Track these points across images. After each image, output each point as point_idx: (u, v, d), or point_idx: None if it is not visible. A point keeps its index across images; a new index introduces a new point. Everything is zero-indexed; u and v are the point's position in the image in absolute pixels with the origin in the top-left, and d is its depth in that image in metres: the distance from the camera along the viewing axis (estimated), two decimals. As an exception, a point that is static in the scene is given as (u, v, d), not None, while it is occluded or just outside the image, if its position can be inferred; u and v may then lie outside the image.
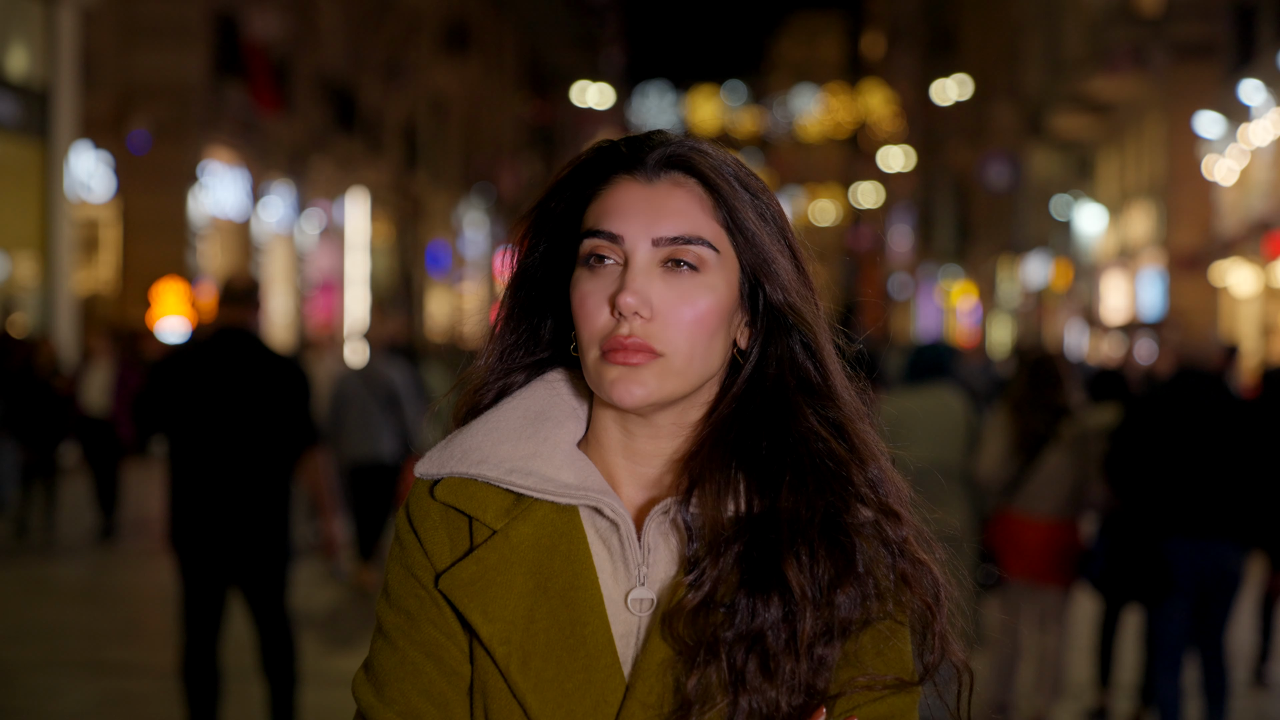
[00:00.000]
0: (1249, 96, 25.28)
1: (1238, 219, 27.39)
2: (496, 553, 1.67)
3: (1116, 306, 33.58)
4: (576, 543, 1.68)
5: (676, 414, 1.70)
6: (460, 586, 1.66)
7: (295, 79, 29.69)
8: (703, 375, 1.68)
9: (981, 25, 50.68)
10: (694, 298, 1.66)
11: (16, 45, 19.31)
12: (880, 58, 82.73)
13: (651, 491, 1.72)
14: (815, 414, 1.70)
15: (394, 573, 1.72)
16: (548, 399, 1.75)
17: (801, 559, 1.63)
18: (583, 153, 1.76)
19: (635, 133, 1.75)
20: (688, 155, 1.70)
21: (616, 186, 1.70)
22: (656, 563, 1.68)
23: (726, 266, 1.68)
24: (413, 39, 37.98)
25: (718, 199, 1.68)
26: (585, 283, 1.68)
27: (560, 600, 1.66)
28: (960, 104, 50.63)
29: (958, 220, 54.97)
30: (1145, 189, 32.36)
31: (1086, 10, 34.65)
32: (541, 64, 55.84)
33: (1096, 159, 37.18)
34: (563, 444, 1.72)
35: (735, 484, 1.66)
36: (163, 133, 24.25)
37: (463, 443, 1.72)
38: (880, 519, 1.67)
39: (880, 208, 78.59)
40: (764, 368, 1.71)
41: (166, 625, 10.76)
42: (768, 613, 1.62)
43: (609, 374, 1.65)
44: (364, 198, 35.66)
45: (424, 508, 1.72)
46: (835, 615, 1.63)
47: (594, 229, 1.68)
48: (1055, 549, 7.31)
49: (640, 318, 1.65)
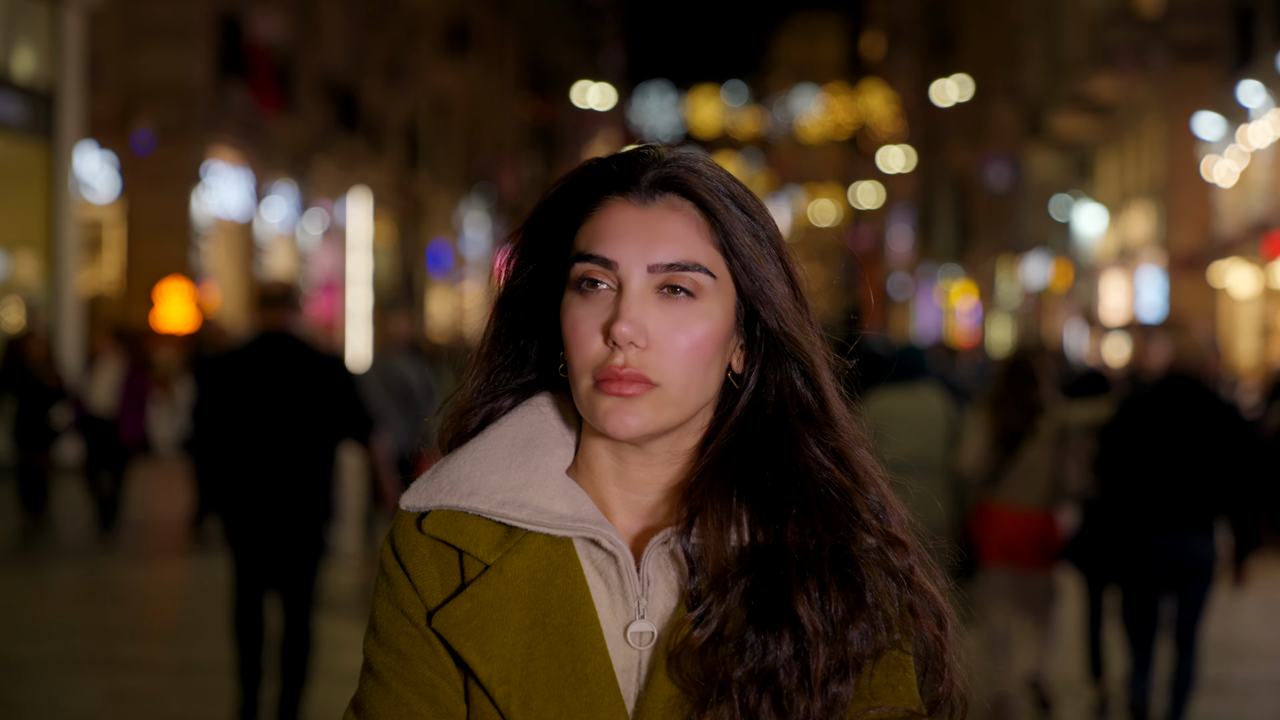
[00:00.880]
0: (1248, 98, 25.38)
1: (1237, 220, 27.49)
2: (491, 588, 1.62)
3: (1116, 307, 33.68)
4: (573, 576, 1.63)
5: (670, 441, 1.65)
6: (455, 625, 1.61)
7: (297, 79, 29.79)
8: (698, 404, 1.64)
9: (981, 25, 50.77)
10: (690, 325, 1.61)
11: (22, 47, 19.41)
12: (880, 58, 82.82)
13: (646, 520, 1.67)
14: (817, 443, 1.66)
15: (382, 610, 1.65)
16: (536, 425, 1.69)
17: (812, 594, 1.59)
18: (572, 171, 1.70)
19: (626, 149, 1.70)
20: (682, 177, 1.64)
21: (609, 208, 1.64)
22: (656, 595, 1.64)
23: (723, 292, 1.64)
24: (414, 39, 38.08)
25: (714, 223, 1.64)
26: (577, 308, 1.63)
27: (559, 636, 1.61)
28: (960, 104, 50.72)
29: (958, 220, 55.07)
30: (1145, 190, 32.46)
31: (1086, 11, 34.75)
32: (542, 64, 55.93)
33: (1096, 160, 37.28)
34: (554, 473, 1.66)
35: (738, 515, 1.62)
36: (166, 133, 24.36)
37: (450, 473, 1.66)
38: (885, 548, 1.64)
39: (880, 208, 78.66)
40: (763, 394, 1.67)
41: (175, 622, 10.87)
42: (779, 650, 1.58)
43: (603, 404, 1.60)
44: (366, 198, 35.77)
45: (411, 542, 1.65)
46: (849, 651, 1.59)
47: (586, 253, 1.63)
48: (1034, 537, 7.79)
49: (636, 347, 1.60)
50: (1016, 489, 7.72)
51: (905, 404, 7.75)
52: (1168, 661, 7.45)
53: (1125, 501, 7.26)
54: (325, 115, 31.78)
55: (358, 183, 34.81)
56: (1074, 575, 8.56)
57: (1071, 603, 9.30)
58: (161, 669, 8.92)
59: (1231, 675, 8.75)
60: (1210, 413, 7.26)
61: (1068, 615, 9.17)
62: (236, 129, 26.69)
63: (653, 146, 1.69)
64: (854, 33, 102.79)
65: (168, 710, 7.97)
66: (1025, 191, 43.25)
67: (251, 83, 26.79)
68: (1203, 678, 7.69)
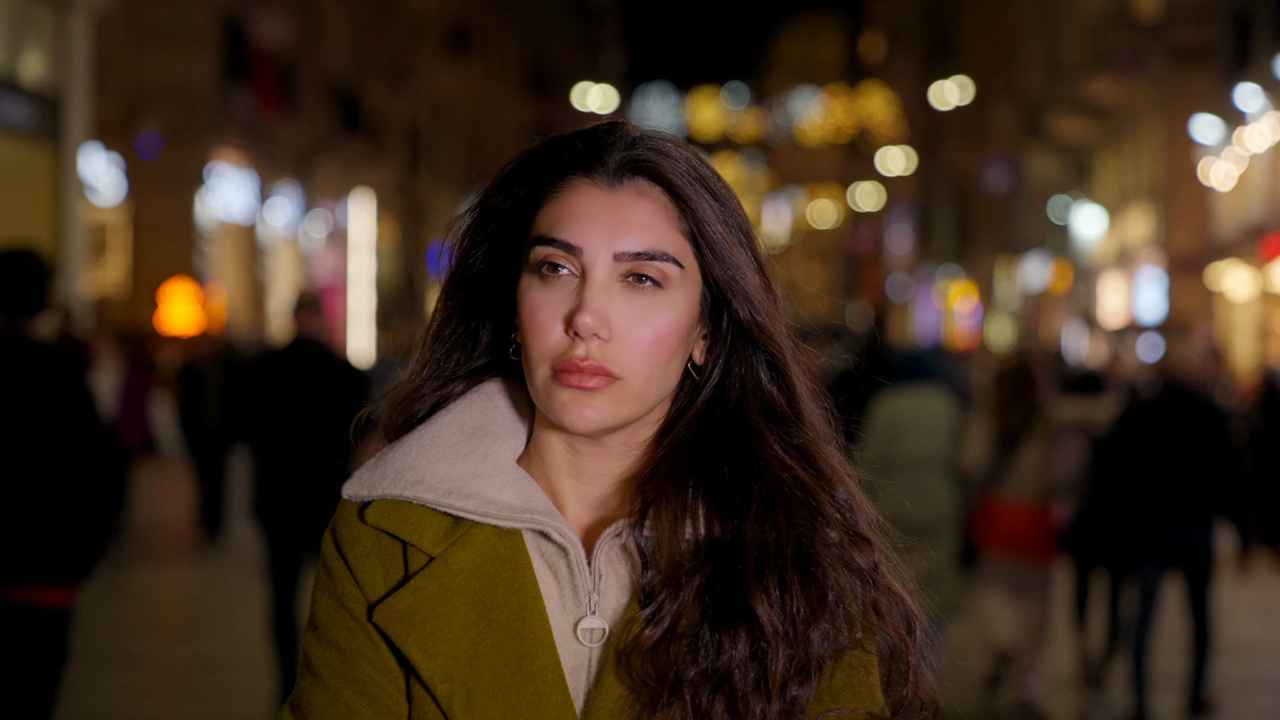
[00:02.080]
0: (1245, 101, 25.50)
1: (1234, 223, 27.62)
2: (435, 581, 1.54)
3: (1114, 308, 33.81)
4: (521, 569, 1.56)
5: (627, 434, 1.59)
6: (397, 619, 1.54)
7: (300, 82, 29.94)
8: (659, 397, 1.57)
9: (981, 28, 50.90)
10: (654, 316, 1.54)
11: (29, 51, 19.56)
12: (880, 60, 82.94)
13: (599, 512, 1.60)
14: (779, 439, 1.59)
15: (322, 604, 1.58)
16: (486, 413, 1.62)
17: (772, 592, 1.52)
18: (533, 147, 1.61)
19: (591, 125, 1.61)
20: (652, 160, 1.56)
21: (574, 190, 1.56)
22: (608, 590, 1.57)
23: (689, 282, 1.57)
24: (416, 42, 38.22)
25: (683, 209, 1.56)
26: (536, 293, 1.55)
27: (505, 632, 1.54)
28: (960, 106, 50.84)
29: (957, 221, 55.19)
30: (1143, 192, 32.60)
31: (1085, 14, 34.89)
32: (543, 66, 56.07)
33: (1094, 162, 37.42)
34: (503, 462, 1.59)
35: (693, 508, 1.55)
36: (172, 136, 24.51)
37: (394, 462, 1.58)
38: (849, 544, 1.57)
39: (880, 209, 78.81)
40: (725, 388, 1.60)
41: (187, 620, 11.01)
42: (734, 649, 1.51)
43: (560, 396, 1.53)
44: (368, 199, 35.91)
45: (353, 532, 1.58)
46: (810, 652, 1.52)
47: (549, 236, 1.55)
48: (1032, 529, 8.40)
49: (598, 339, 1.53)
50: (1016, 484, 8.34)
51: (912, 405, 8.17)
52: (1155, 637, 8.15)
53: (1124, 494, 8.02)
54: (328, 117, 31.94)
55: (360, 184, 34.97)
56: (1067, 563, 9.21)
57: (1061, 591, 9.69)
58: (177, 666, 9.06)
59: (1227, 673, 8.91)
60: (1204, 417, 8.07)
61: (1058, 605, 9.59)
62: (240, 131, 26.85)
63: (619, 123, 1.61)
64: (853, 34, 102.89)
65: (185, 706, 8.12)
66: (1024, 193, 43.38)
67: (255, 85, 26.95)
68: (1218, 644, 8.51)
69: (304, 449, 7.39)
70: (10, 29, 19.14)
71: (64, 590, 4.94)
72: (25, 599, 4.87)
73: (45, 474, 4.85)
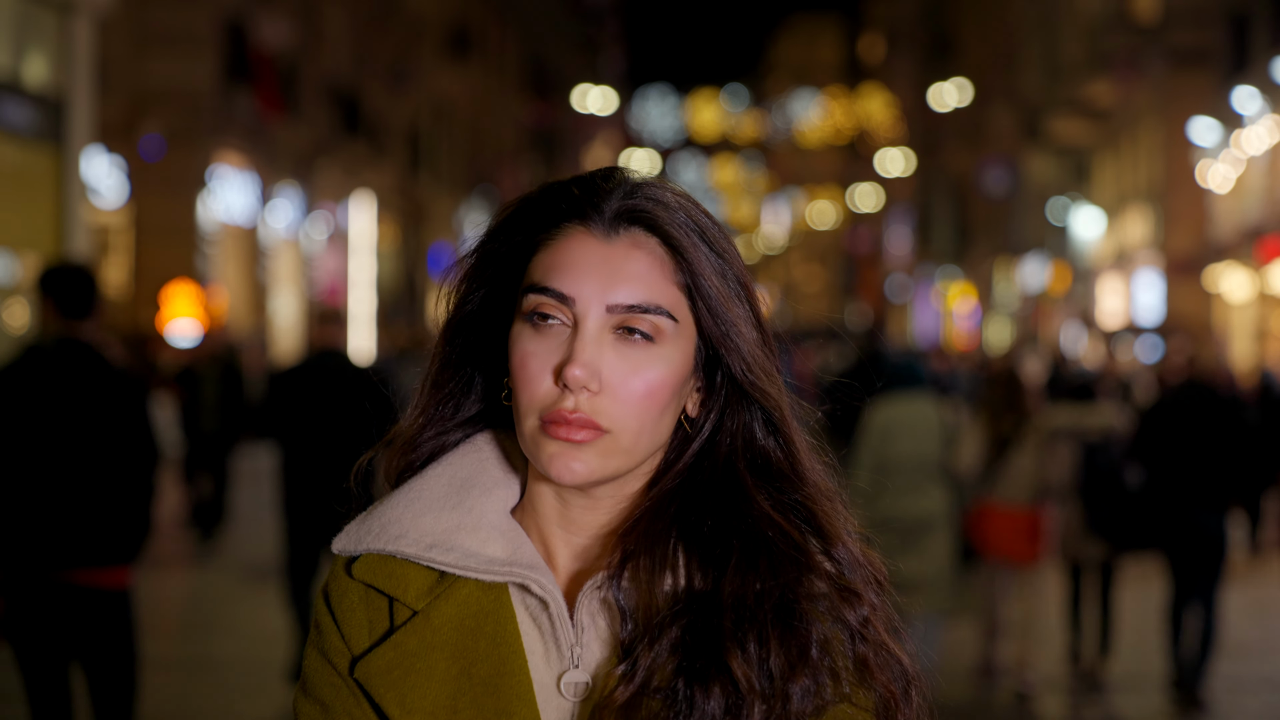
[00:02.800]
0: (1243, 104, 25.59)
1: (1232, 225, 27.71)
2: (416, 636, 1.53)
3: (1113, 310, 33.90)
4: (504, 623, 1.54)
5: (616, 486, 1.56)
6: (377, 674, 1.52)
7: (302, 84, 30.03)
8: (649, 451, 1.55)
9: (980, 30, 50.99)
10: (646, 370, 1.51)
11: (33, 55, 19.66)
12: (879, 61, 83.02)
13: (587, 564, 1.57)
14: (770, 496, 1.56)
15: (310, 659, 1.58)
16: (476, 465, 1.61)
17: (749, 648, 1.48)
18: (529, 194, 1.59)
19: (588, 172, 1.59)
20: (649, 210, 1.54)
21: (569, 238, 1.54)
22: (590, 643, 1.54)
23: (683, 335, 1.54)
24: (416, 44, 38.32)
25: (679, 262, 1.54)
26: (527, 341, 1.52)
27: (485, 687, 1.51)
28: (959, 108, 50.93)
29: (956, 222, 55.29)
30: (1142, 194, 32.69)
31: (1084, 17, 34.99)
32: (543, 67, 56.16)
33: (1093, 164, 37.52)
34: (489, 514, 1.58)
35: (673, 561, 1.52)
36: (174, 138, 24.60)
37: (382, 515, 1.58)
38: (836, 597, 1.53)
39: (879, 210, 78.90)
40: (715, 442, 1.58)
41: (186, 622, 11.08)
42: (708, 704, 1.46)
43: (548, 448, 1.51)
44: (369, 201, 36.01)
45: (342, 587, 1.58)
46: (789, 709, 1.48)
47: (541, 285, 1.52)
48: (1024, 532, 8.76)
49: (588, 391, 1.50)
50: (1007, 489, 8.72)
51: (904, 411, 8.45)
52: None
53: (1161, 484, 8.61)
54: (329, 119, 32.03)
55: (360, 186, 35.07)
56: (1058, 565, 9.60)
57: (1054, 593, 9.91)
58: (176, 666, 9.13)
59: (1222, 673, 9.01)
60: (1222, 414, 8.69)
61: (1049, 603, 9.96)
62: (242, 134, 26.95)
63: (618, 170, 1.59)
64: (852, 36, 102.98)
65: (187, 706, 8.19)
66: (1023, 194, 43.48)
67: (256, 88, 27.04)
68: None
69: (329, 454, 8.08)
70: (14, 33, 19.24)
71: (121, 570, 5.42)
72: (87, 581, 5.33)
73: (101, 466, 5.32)
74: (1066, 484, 8.80)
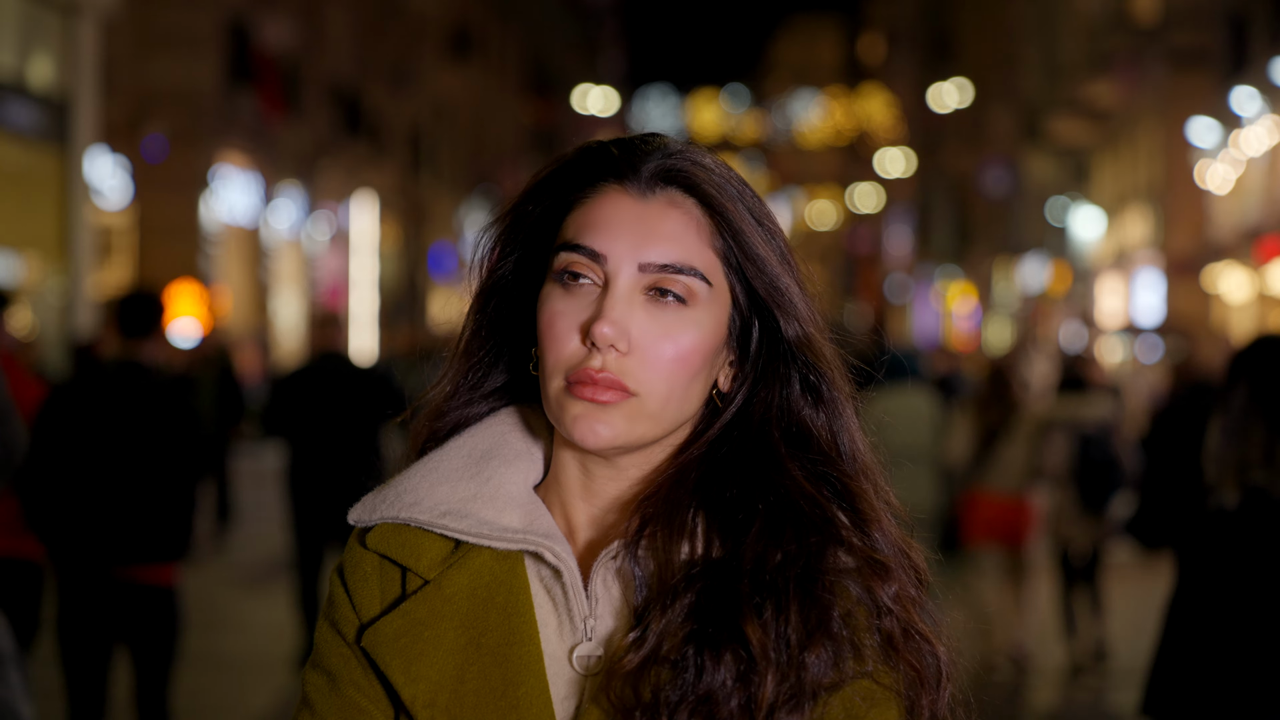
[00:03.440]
0: (1242, 105, 25.65)
1: (1231, 225, 27.79)
2: (426, 605, 1.50)
3: (1112, 310, 33.98)
4: (516, 593, 1.50)
5: (642, 456, 1.52)
6: (383, 643, 1.49)
7: (304, 85, 30.12)
8: (677, 420, 1.50)
9: (979, 30, 51.05)
10: (678, 333, 1.47)
11: (38, 56, 19.75)
12: (879, 62, 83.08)
13: (609, 537, 1.53)
14: (803, 468, 1.51)
15: (321, 630, 1.55)
16: (498, 436, 1.57)
17: (766, 615, 1.43)
18: (567, 153, 1.55)
19: (629, 135, 1.55)
20: (688, 171, 1.50)
21: (604, 197, 1.50)
22: (604, 615, 1.50)
23: (717, 301, 1.50)
24: (417, 45, 38.41)
25: (719, 223, 1.50)
26: (557, 300, 1.49)
27: (493, 658, 1.48)
28: (958, 109, 51.01)
29: (956, 222, 55.36)
30: (1141, 194, 32.76)
31: (1083, 17, 35.06)
32: (544, 68, 56.25)
33: (1092, 164, 37.59)
34: (508, 484, 1.54)
35: (692, 528, 1.48)
36: (176, 139, 24.69)
37: (398, 485, 1.55)
38: (867, 570, 1.47)
39: (879, 210, 78.97)
40: (749, 413, 1.53)
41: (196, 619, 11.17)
42: (719, 673, 1.42)
43: (572, 409, 1.47)
44: (371, 201, 36.11)
45: (355, 558, 1.55)
46: (804, 678, 1.42)
47: (573, 242, 1.49)
48: (1012, 518, 9.15)
49: (616, 351, 1.46)
50: (997, 477, 9.11)
51: (898, 402, 9.05)
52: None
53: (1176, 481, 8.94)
54: (331, 120, 32.13)
55: (362, 186, 35.16)
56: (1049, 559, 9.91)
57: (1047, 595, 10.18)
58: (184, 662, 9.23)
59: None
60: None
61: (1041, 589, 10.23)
62: (244, 134, 27.04)
63: (658, 135, 1.54)
64: (852, 36, 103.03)
65: (195, 701, 8.28)
66: (1023, 195, 43.56)
67: (259, 89, 27.13)
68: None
69: (333, 454, 8.54)
70: (20, 35, 19.34)
71: (168, 567, 5.94)
72: (138, 578, 5.86)
73: (150, 474, 5.83)
74: (1061, 472, 9.14)
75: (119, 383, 5.94)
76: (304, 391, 8.89)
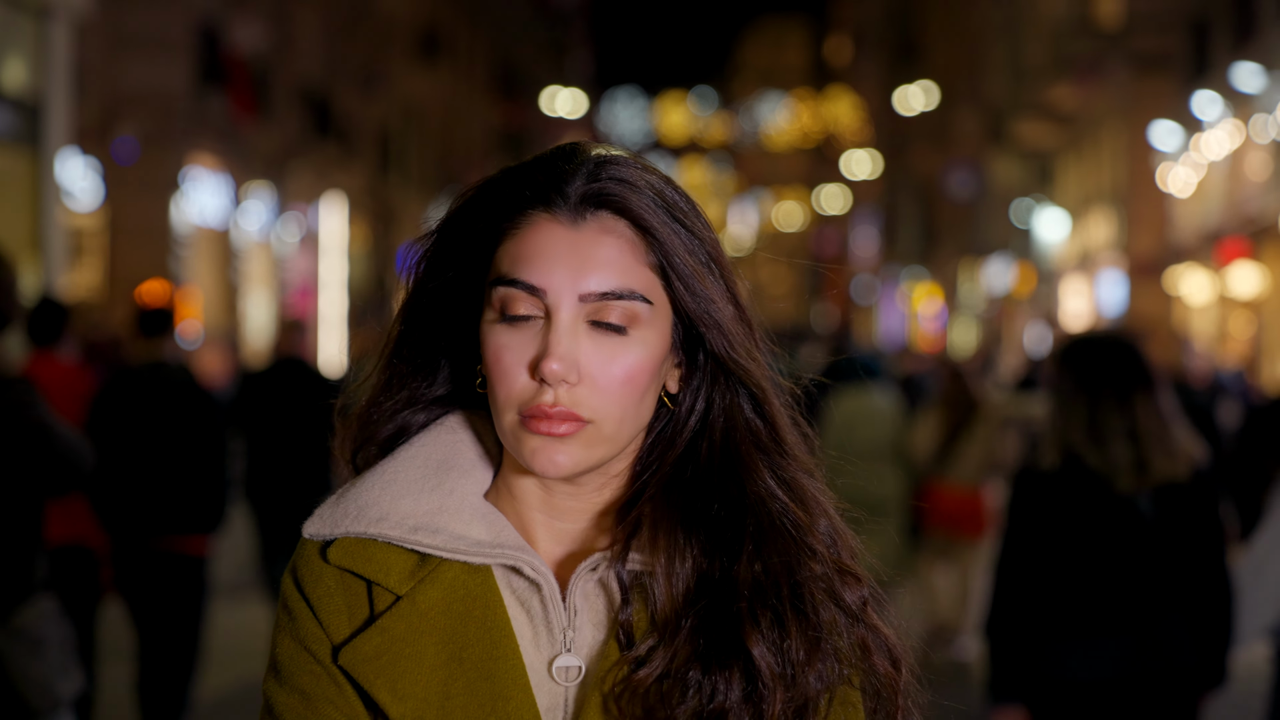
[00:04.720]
0: (1203, 109, 25.94)
1: (1192, 228, 28.10)
2: (403, 621, 1.48)
3: (1076, 311, 34.30)
4: (493, 607, 1.50)
5: (600, 470, 1.53)
6: (364, 661, 1.47)
7: (274, 87, 30.22)
8: (632, 435, 1.52)
9: (945, 33, 51.38)
10: (624, 356, 1.48)
11: (11, 60, 19.82)
12: (845, 64, 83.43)
13: (571, 547, 1.54)
14: (770, 472, 1.54)
15: (284, 647, 1.51)
16: (451, 446, 1.56)
17: (768, 633, 1.47)
18: (490, 178, 1.54)
19: (549, 150, 1.53)
20: (616, 193, 1.49)
21: (535, 227, 1.49)
22: (583, 626, 1.51)
23: (659, 316, 1.51)
24: (386, 47, 38.51)
25: (650, 242, 1.50)
26: (500, 335, 1.48)
27: (478, 672, 1.47)
28: (924, 111, 51.33)
29: (922, 224, 55.69)
30: (1105, 196, 33.08)
31: (1047, 21, 35.37)
32: (512, 70, 56.36)
33: (1056, 167, 37.91)
34: (470, 496, 1.54)
35: (684, 549, 1.50)
36: (147, 141, 24.77)
37: (357, 498, 1.53)
38: (836, 579, 1.53)
39: (845, 212, 79.29)
40: (709, 421, 1.54)
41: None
42: (730, 691, 1.45)
43: (530, 443, 1.47)
44: (340, 203, 36.21)
45: (315, 572, 1.52)
46: (807, 692, 1.48)
47: (510, 277, 1.48)
48: (969, 509, 9.72)
49: (566, 384, 1.46)
50: (957, 470, 9.54)
51: (862, 403, 9.53)
52: None
53: None
54: (300, 122, 32.22)
55: (331, 188, 35.26)
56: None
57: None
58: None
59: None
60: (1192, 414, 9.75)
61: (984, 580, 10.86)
62: (215, 136, 27.12)
63: (579, 147, 1.53)
64: (819, 38, 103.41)
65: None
66: (988, 197, 43.88)
67: (230, 91, 27.22)
68: None
69: (289, 456, 8.89)
70: (-7, 38, 19.38)
71: (201, 539, 6.86)
72: (172, 548, 6.78)
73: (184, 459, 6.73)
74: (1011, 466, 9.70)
75: (151, 380, 6.82)
76: (261, 396, 9.23)
